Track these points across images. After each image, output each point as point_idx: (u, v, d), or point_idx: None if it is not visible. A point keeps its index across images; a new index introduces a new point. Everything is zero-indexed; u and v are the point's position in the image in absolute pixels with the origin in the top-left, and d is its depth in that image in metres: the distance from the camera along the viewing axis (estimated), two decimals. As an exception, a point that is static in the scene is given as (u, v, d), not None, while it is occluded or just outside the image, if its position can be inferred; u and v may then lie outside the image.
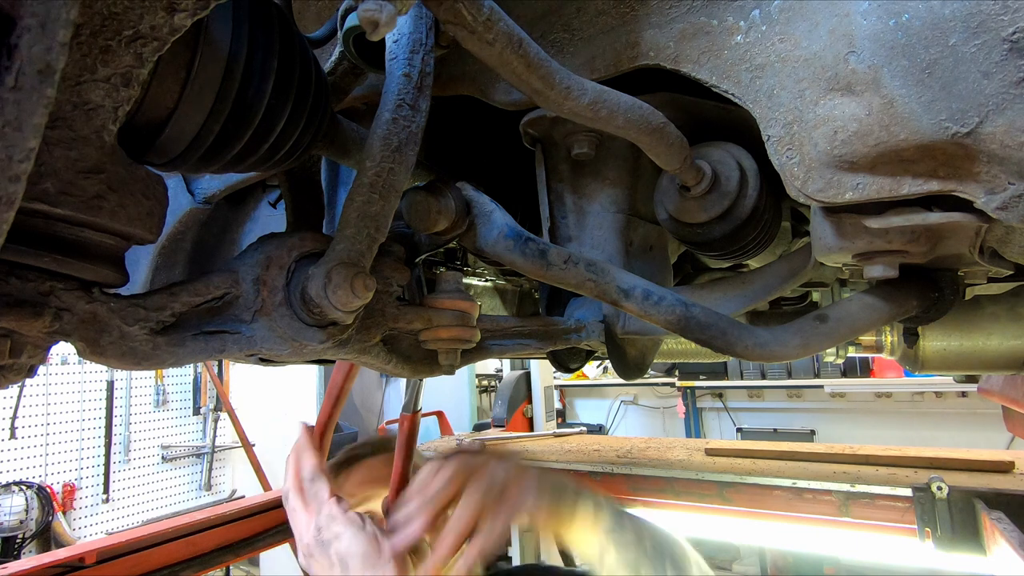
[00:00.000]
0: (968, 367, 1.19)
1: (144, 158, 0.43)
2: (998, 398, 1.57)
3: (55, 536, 3.79)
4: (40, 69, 0.23)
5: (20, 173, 0.23)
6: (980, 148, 0.47)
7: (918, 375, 3.91)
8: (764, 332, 0.74)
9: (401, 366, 0.66)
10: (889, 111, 0.49)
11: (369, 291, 0.50)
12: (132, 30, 0.34)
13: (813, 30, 0.54)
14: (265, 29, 0.44)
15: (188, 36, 0.39)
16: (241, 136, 0.45)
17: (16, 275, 0.35)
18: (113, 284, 0.42)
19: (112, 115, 0.36)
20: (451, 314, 0.65)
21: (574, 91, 0.51)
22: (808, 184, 0.56)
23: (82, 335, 0.39)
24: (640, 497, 2.16)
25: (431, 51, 0.53)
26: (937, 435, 4.67)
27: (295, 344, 0.51)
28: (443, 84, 0.72)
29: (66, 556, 1.43)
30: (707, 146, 0.77)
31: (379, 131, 0.50)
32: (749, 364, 5.02)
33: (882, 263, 0.64)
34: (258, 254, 0.51)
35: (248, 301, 0.50)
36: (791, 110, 0.55)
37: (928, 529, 1.55)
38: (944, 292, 0.72)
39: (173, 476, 4.67)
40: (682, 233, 0.80)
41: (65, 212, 0.35)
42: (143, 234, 0.41)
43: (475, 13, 0.41)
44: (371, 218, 0.51)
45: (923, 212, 0.55)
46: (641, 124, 0.57)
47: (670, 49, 0.62)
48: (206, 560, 1.69)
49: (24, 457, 3.79)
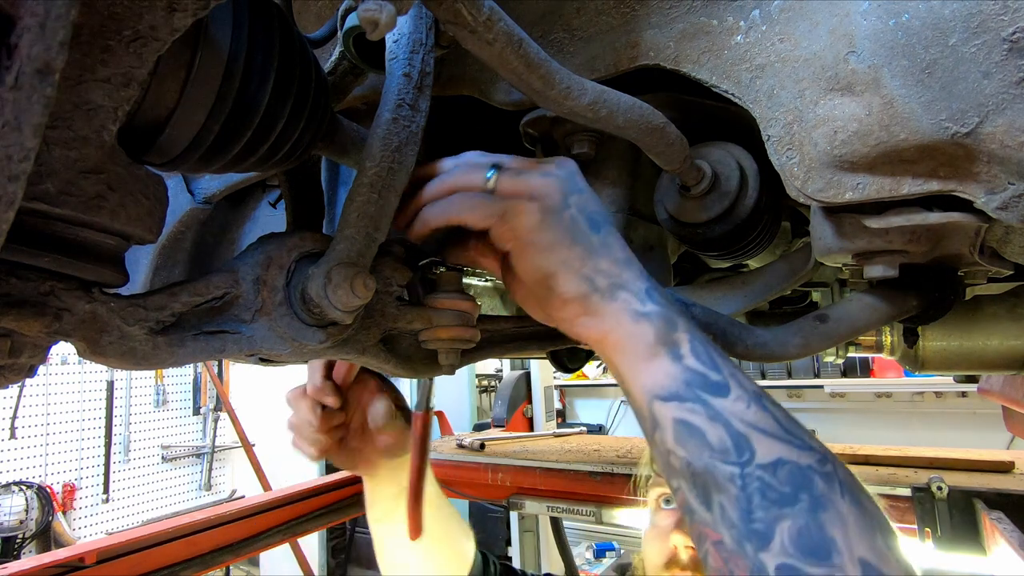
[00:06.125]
0: (968, 367, 1.19)
1: (144, 158, 0.43)
2: (998, 398, 1.57)
3: (55, 536, 3.79)
4: (40, 69, 0.23)
5: (20, 173, 0.23)
6: (980, 148, 0.47)
7: (918, 375, 3.91)
8: (764, 332, 0.74)
9: (401, 366, 0.66)
10: (889, 111, 0.49)
11: (369, 291, 0.50)
12: (132, 30, 0.34)
13: (813, 30, 0.54)
14: (265, 29, 0.44)
15: (188, 36, 0.39)
16: (241, 136, 0.45)
17: (16, 275, 0.35)
18: (113, 284, 0.42)
19: (112, 115, 0.36)
20: (451, 314, 0.65)
21: (574, 91, 0.51)
22: (808, 184, 0.56)
23: (82, 335, 0.39)
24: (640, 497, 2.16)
25: (431, 51, 0.53)
26: (937, 435, 4.67)
27: (295, 344, 0.51)
28: (443, 84, 0.72)
29: (66, 556, 1.43)
30: (707, 146, 0.77)
31: (379, 131, 0.50)
32: (749, 364, 5.03)
33: (882, 263, 0.64)
34: (258, 254, 0.51)
35: (248, 301, 0.50)
36: (791, 110, 0.55)
37: (928, 529, 1.55)
38: (944, 292, 0.72)
39: (173, 476, 4.67)
40: (682, 233, 0.80)
41: (65, 212, 0.35)
42: (143, 234, 0.41)
43: (475, 13, 0.41)
44: (371, 218, 0.51)
45: (923, 212, 0.55)
46: (641, 124, 0.57)
47: (670, 49, 0.62)
48: (206, 560, 1.69)
49: (24, 457, 3.80)
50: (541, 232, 0.49)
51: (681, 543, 0.91)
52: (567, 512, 2.20)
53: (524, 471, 2.28)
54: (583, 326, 0.50)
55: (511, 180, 0.51)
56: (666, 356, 0.46)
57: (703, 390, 0.44)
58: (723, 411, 0.43)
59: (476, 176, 0.52)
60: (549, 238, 0.49)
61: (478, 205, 0.50)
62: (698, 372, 0.45)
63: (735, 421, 0.43)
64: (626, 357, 0.48)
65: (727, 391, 0.44)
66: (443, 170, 0.55)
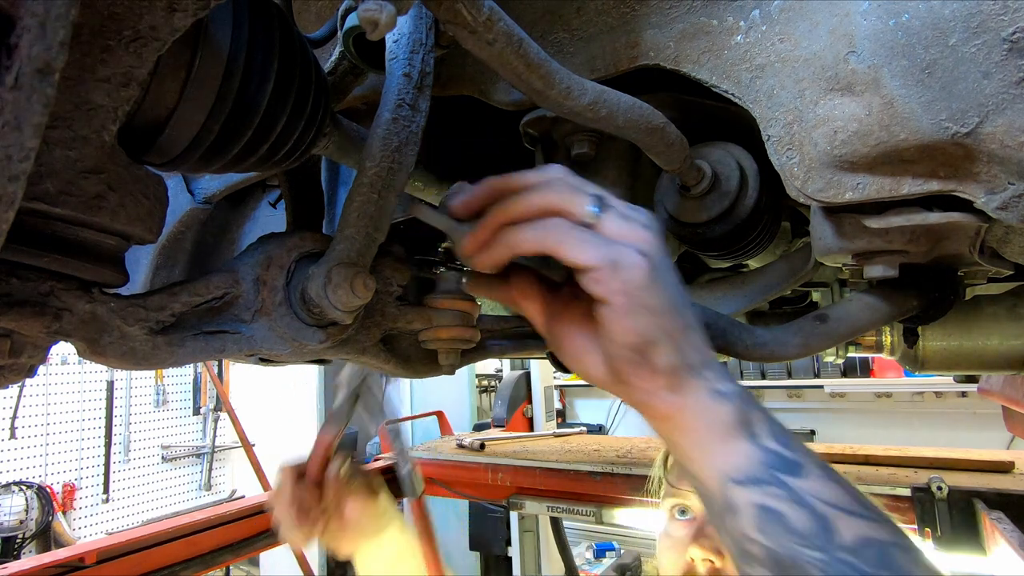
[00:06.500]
0: (968, 367, 1.19)
1: (144, 158, 0.43)
2: (998, 398, 1.57)
3: (55, 536, 3.79)
4: (40, 69, 0.23)
5: (20, 173, 0.23)
6: (980, 148, 0.47)
7: (918, 375, 3.91)
8: (764, 332, 0.74)
9: (401, 366, 0.66)
10: (889, 111, 0.49)
11: (369, 291, 0.50)
12: (132, 30, 0.34)
13: (813, 30, 0.54)
14: (265, 29, 0.44)
15: (188, 36, 0.39)
16: (241, 136, 0.45)
17: (16, 275, 0.35)
18: (113, 284, 0.42)
19: (112, 115, 0.36)
20: (451, 314, 0.65)
21: (574, 91, 0.51)
22: (808, 184, 0.56)
23: (82, 335, 0.39)
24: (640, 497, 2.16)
25: (431, 51, 0.53)
26: (937, 435, 4.67)
27: (295, 344, 0.51)
28: (443, 84, 0.72)
29: (66, 556, 1.43)
30: (707, 146, 0.77)
31: (379, 131, 0.50)
32: (749, 364, 5.02)
33: (882, 263, 0.64)
34: (258, 254, 0.51)
35: (248, 301, 0.50)
36: (791, 110, 0.55)
37: (928, 529, 1.55)
38: (944, 292, 0.72)
39: (173, 476, 4.67)
40: (682, 233, 0.80)
41: (65, 212, 0.35)
42: (143, 234, 0.41)
43: (475, 13, 0.41)
44: (371, 218, 0.51)
45: (923, 212, 0.55)
46: (641, 124, 0.57)
47: (670, 49, 0.62)
48: (206, 560, 1.69)
49: (24, 457, 3.79)
50: (651, 293, 0.43)
51: (699, 556, 0.90)
52: (567, 512, 2.20)
53: (524, 471, 2.28)
54: (660, 399, 0.45)
55: (620, 224, 0.45)
56: (743, 437, 0.44)
57: (781, 471, 0.42)
58: (803, 492, 0.41)
59: (576, 203, 0.45)
60: (657, 302, 0.44)
61: (588, 241, 0.43)
62: (775, 452, 0.43)
63: (816, 502, 0.41)
64: (699, 436, 0.45)
65: (802, 470, 0.42)
66: (530, 185, 0.47)
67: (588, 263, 0.43)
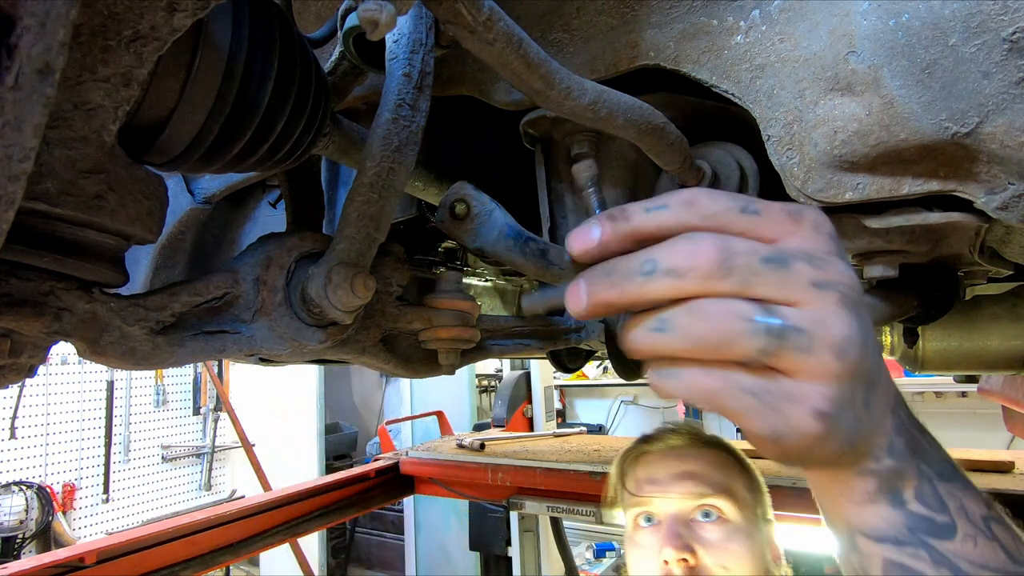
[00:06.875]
0: (968, 367, 1.19)
1: (144, 158, 0.43)
2: (998, 398, 1.57)
3: (55, 536, 3.79)
4: (40, 69, 0.23)
5: (20, 173, 0.23)
6: (980, 148, 0.47)
7: (918, 375, 3.91)
8: (764, 332, 0.74)
9: (401, 366, 0.66)
10: (889, 111, 0.49)
11: (369, 291, 0.50)
12: (132, 30, 0.34)
13: (813, 30, 0.54)
14: (265, 29, 0.44)
15: (188, 36, 0.39)
16: (241, 136, 0.45)
17: (16, 275, 0.35)
18: (113, 284, 0.42)
19: (112, 115, 0.36)
20: (451, 314, 0.65)
21: (574, 91, 0.51)
22: (808, 184, 0.56)
23: (82, 335, 0.39)
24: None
25: (431, 51, 0.53)
26: (937, 435, 4.60)
27: (295, 344, 0.51)
28: (443, 84, 0.72)
29: (66, 556, 1.43)
30: (707, 146, 0.77)
31: (379, 131, 0.50)
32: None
33: (882, 263, 0.64)
34: (258, 254, 0.51)
35: (248, 301, 0.50)
36: (791, 110, 0.55)
37: (928, 529, 1.54)
38: (944, 292, 0.72)
39: (173, 476, 4.67)
40: (682, 233, 0.79)
41: (65, 212, 0.35)
42: (143, 234, 0.41)
43: (475, 13, 0.41)
44: (371, 218, 0.51)
45: (923, 212, 0.55)
46: (641, 124, 0.57)
47: (670, 49, 0.62)
48: (206, 560, 1.69)
49: (24, 457, 3.79)
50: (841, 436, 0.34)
51: (673, 557, 0.87)
52: (567, 512, 2.20)
53: (524, 471, 2.28)
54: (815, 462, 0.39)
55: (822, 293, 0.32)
56: (885, 502, 0.40)
57: (928, 535, 0.39)
58: (948, 555, 0.39)
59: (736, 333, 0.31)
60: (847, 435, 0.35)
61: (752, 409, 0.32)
62: (923, 517, 0.40)
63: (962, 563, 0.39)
64: (834, 497, 0.42)
65: (953, 532, 0.39)
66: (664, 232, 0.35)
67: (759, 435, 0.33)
